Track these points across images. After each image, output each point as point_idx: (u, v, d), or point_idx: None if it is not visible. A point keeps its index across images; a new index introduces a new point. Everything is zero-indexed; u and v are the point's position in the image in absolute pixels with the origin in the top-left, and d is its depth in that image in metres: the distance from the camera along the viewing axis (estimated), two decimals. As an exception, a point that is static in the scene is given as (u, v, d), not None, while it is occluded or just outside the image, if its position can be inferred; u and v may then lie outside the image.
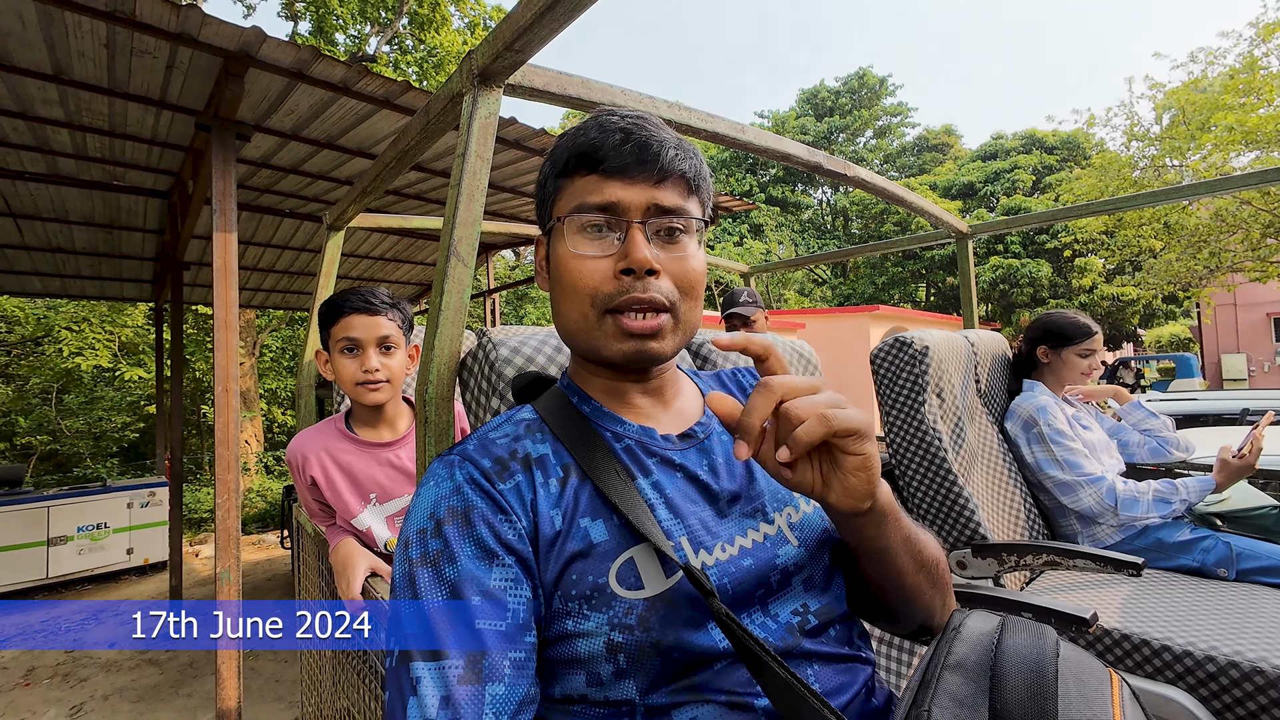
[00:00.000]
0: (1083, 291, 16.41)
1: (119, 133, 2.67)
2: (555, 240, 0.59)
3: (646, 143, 0.55)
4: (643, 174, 0.55)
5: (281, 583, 4.89)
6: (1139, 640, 1.14)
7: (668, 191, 0.57)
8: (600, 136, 0.56)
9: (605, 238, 0.56)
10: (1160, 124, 10.32)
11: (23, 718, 2.95)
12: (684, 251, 0.57)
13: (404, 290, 6.21)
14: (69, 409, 8.49)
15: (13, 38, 1.98)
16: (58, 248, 4.14)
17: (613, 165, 0.55)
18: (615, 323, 0.55)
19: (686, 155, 0.58)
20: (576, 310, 0.56)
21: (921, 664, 0.48)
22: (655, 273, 0.55)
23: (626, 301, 0.54)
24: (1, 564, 4.53)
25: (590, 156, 0.56)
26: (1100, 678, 0.42)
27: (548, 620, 0.50)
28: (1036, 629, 0.47)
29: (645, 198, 0.55)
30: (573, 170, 0.57)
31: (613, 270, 0.55)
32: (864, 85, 25.52)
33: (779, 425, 0.44)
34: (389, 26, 9.97)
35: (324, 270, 1.64)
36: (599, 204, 0.55)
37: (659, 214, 0.56)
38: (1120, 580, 1.41)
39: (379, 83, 2.31)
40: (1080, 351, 1.74)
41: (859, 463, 0.44)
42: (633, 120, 0.56)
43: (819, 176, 1.41)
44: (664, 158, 0.55)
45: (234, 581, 2.20)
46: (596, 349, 0.57)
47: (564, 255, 0.57)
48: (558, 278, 0.58)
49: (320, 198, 3.62)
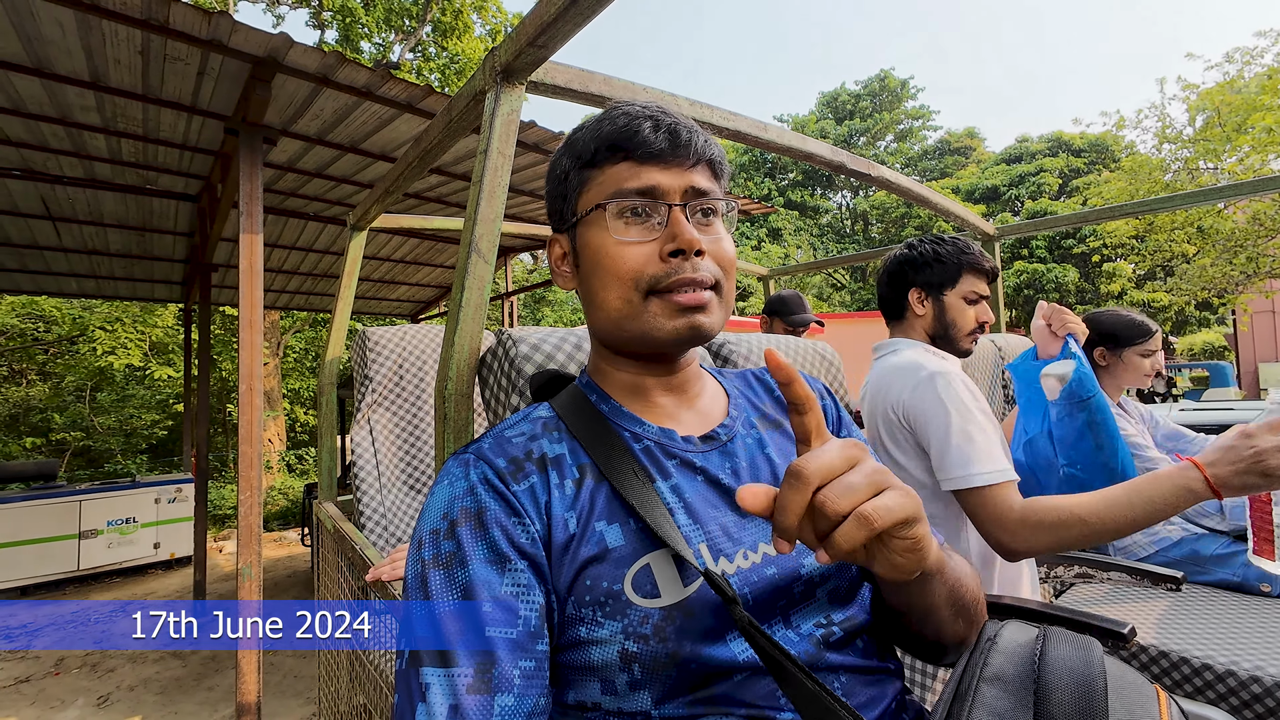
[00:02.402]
0: (1111, 297, 15.99)
1: (152, 138, 2.75)
2: (589, 230, 0.57)
3: (675, 129, 0.56)
4: (677, 158, 0.56)
5: (302, 579, 4.96)
6: (1178, 658, 1.09)
7: (700, 175, 0.57)
8: (630, 124, 0.55)
9: (646, 222, 0.56)
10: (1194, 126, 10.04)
11: (52, 706, 3.03)
12: (719, 233, 0.58)
13: (423, 293, 6.30)
14: (102, 406, 8.77)
15: (53, 46, 2.06)
16: (93, 250, 4.27)
17: (649, 151, 0.55)
18: (664, 302, 0.55)
19: (711, 141, 0.59)
20: (618, 296, 0.56)
21: (954, 676, 0.45)
22: (701, 252, 0.55)
23: (677, 282, 0.54)
24: (35, 556, 4.69)
25: (622, 144, 0.55)
26: (1147, 694, 0.39)
27: (561, 626, 0.49)
28: (1081, 641, 0.44)
29: (683, 181, 0.56)
30: (603, 160, 0.57)
31: (658, 253, 0.55)
32: (885, 88, 25.25)
33: (814, 518, 0.38)
34: (413, 34, 10.16)
35: (346, 271, 1.66)
36: (639, 188, 0.55)
37: (695, 196, 0.56)
38: (1156, 595, 1.35)
39: (402, 87, 2.34)
40: (1141, 351, 1.61)
41: (907, 546, 0.39)
42: (656, 108, 0.57)
43: (840, 179, 1.39)
44: (695, 143, 0.56)
45: (255, 578, 2.24)
46: (644, 332, 0.56)
47: (604, 243, 0.56)
48: (596, 266, 0.57)
49: (343, 201, 3.68)
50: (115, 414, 8.75)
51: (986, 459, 0.98)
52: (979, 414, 1.04)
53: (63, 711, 2.97)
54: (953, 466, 1.00)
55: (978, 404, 1.06)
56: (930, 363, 1.12)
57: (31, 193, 3.30)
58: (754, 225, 19.80)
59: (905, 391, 1.11)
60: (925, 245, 1.25)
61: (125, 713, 2.94)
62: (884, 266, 1.31)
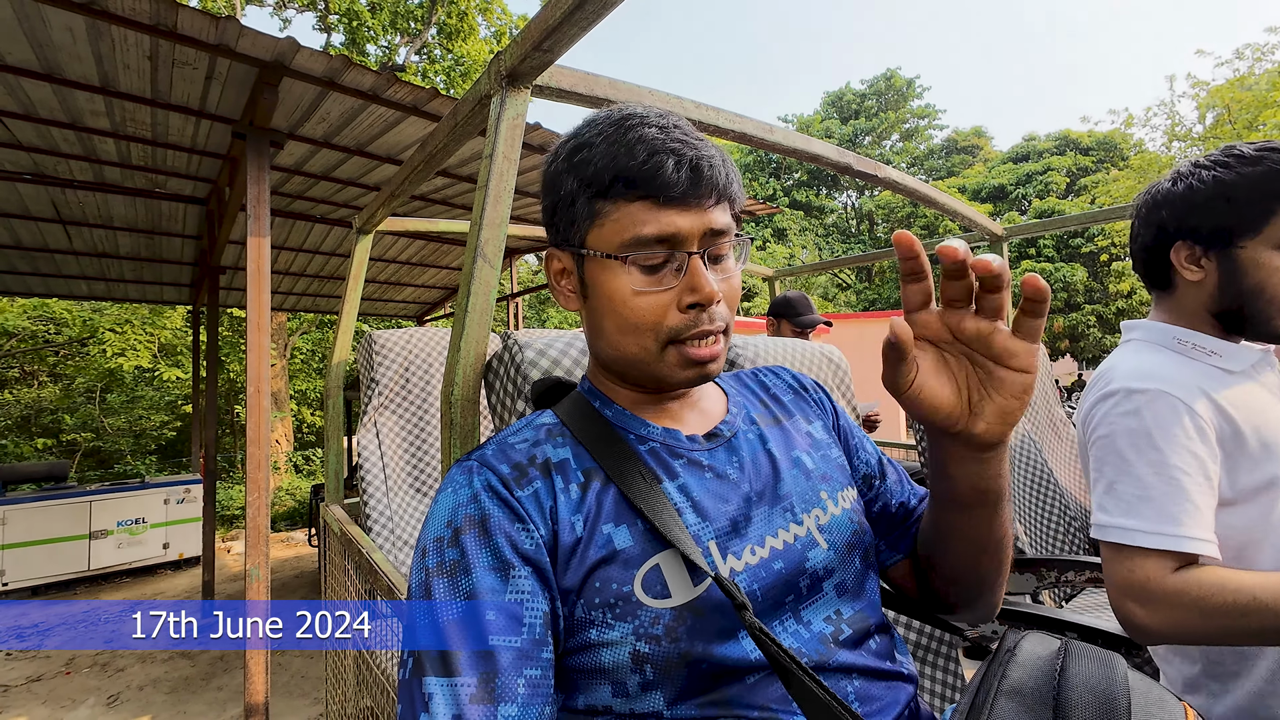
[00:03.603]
0: (1120, 297, 15.87)
1: (161, 141, 2.78)
2: (602, 271, 0.55)
3: (698, 164, 0.52)
4: (697, 199, 0.53)
5: (309, 580, 4.99)
6: (1191, 664, 1.07)
7: (718, 213, 0.54)
8: (650, 160, 0.51)
9: (664, 270, 0.54)
10: (1204, 123, 9.95)
11: (63, 705, 3.06)
12: (730, 271, 0.57)
13: (430, 294, 6.32)
14: (111, 407, 8.85)
15: (63, 51, 2.07)
16: (103, 253, 4.31)
17: (670, 194, 0.52)
18: (679, 352, 0.54)
19: (729, 168, 0.56)
20: (636, 344, 0.55)
21: (971, 686, 0.45)
22: (719, 300, 0.54)
23: (696, 334, 0.53)
24: (46, 556, 4.73)
25: (641, 183, 0.52)
26: (1175, 712, 0.39)
27: (571, 629, 0.49)
28: (1104, 656, 0.43)
29: (702, 224, 0.53)
30: (619, 195, 0.53)
31: (675, 302, 0.53)
32: (891, 87, 25.18)
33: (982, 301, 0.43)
34: (418, 37, 10.21)
35: (353, 273, 1.67)
36: (659, 235, 0.52)
37: (713, 238, 0.54)
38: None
39: (407, 90, 2.35)
40: None
41: (1024, 383, 0.43)
42: (677, 137, 0.53)
43: (846, 179, 1.38)
44: (717, 180, 0.53)
45: (263, 579, 2.25)
46: (657, 377, 0.56)
47: (619, 289, 0.54)
48: (610, 309, 0.55)
49: (350, 203, 3.70)
50: (125, 415, 8.83)
51: (1144, 516, 0.72)
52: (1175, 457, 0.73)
53: (73, 710, 3.00)
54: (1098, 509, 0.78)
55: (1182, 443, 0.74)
56: (1131, 373, 0.80)
57: (42, 196, 3.33)
58: (759, 225, 19.76)
59: (1082, 410, 0.86)
60: (1203, 172, 0.80)
61: (135, 712, 2.97)
62: (1138, 209, 0.90)
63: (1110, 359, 0.87)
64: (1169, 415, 0.74)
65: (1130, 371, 0.80)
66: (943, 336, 0.46)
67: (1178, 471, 0.72)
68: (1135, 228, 0.90)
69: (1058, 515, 1.58)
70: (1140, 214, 0.88)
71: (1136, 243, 0.90)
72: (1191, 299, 0.84)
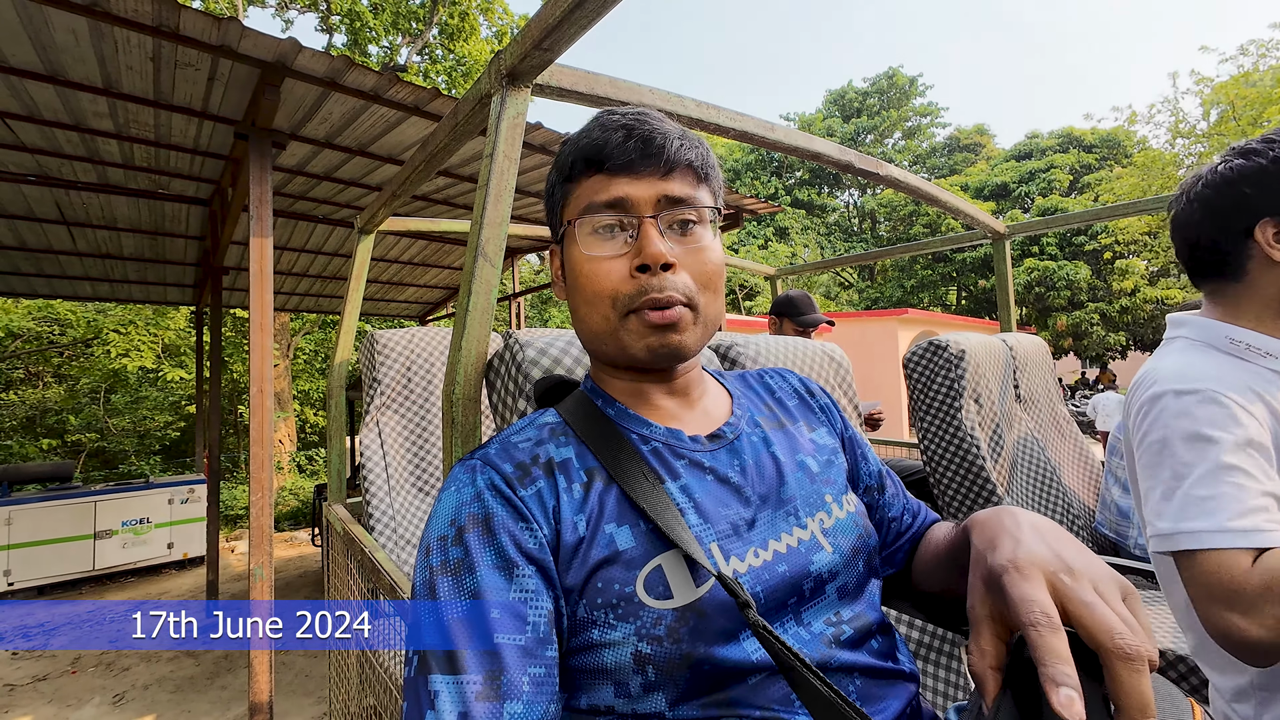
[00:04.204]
0: (1124, 295, 15.80)
1: (164, 143, 2.78)
2: (570, 245, 0.58)
3: (649, 136, 0.54)
4: (648, 168, 0.55)
5: (312, 579, 5.00)
6: (1194, 664, 1.07)
7: (676, 183, 0.56)
8: (602, 135, 0.55)
9: (617, 237, 0.55)
10: (1208, 120, 9.90)
11: (69, 704, 3.07)
12: (699, 243, 0.56)
13: (432, 294, 6.33)
14: (116, 408, 8.88)
15: (66, 53, 2.08)
16: (106, 254, 4.33)
17: (618, 162, 0.54)
18: (638, 319, 0.54)
19: (692, 145, 0.57)
20: (598, 314, 0.56)
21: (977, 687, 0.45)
22: (671, 266, 0.54)
23: (645, 302, 0.53)
24: (52, 556, 4.75)
25: (594, 157, 0.55)
26: (1182, 707, 0.38)
27: (573, 629, 0.49)
28: None
29: (654, 191, 0.55)
30: (579, 173, 0.57)
31: (629, 269, 0.54)
32: (893, 85, 25.12)
33: None
34: (420, 37, 10.22)
35: (354, 273, 1.67)
36: (606, 201, 0.55)
37: (670, 205, 0.55)
38: (1173, 598, 1.33)
39: (408, 90, 2.36)
40: None
41: None
42: (634, 116, 0.56)
43: (848, 177, 1.38)
44: (669, 149, 0.55)
45: (266, 579, 2.26)
46: (622, 349, 0.56)
47: (578, 259, 0.56)
48: (575, 283, 0.57)
49: (351, 204, 3.71)
50: (129, 415, 8.87)
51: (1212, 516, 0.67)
52: (1233, 456, 0.69)
53: (79, 709, 3.02)
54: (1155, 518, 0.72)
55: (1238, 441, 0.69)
56: (1177, 374, 0.76)
57: (46, 198, 3.34)
58: (761, 224, 19.74)
59: (1127, 414, 0.81)
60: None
61: (140, 711, 2.98)
62: (1186, 197, 0.83)
63: (1154, 359, 0.83)
64: (1222, 415, 0.71)
65: (1176, 373, 0.76)
66: None
67: (1238, 472, 0.68)
68: (1186, 214, 0.82)
69: (1060, 514, 1.58)
70: (1197, 200, 0.81)
71: (1190, 230, 0.82)
72: (1258, 292, 0.78)
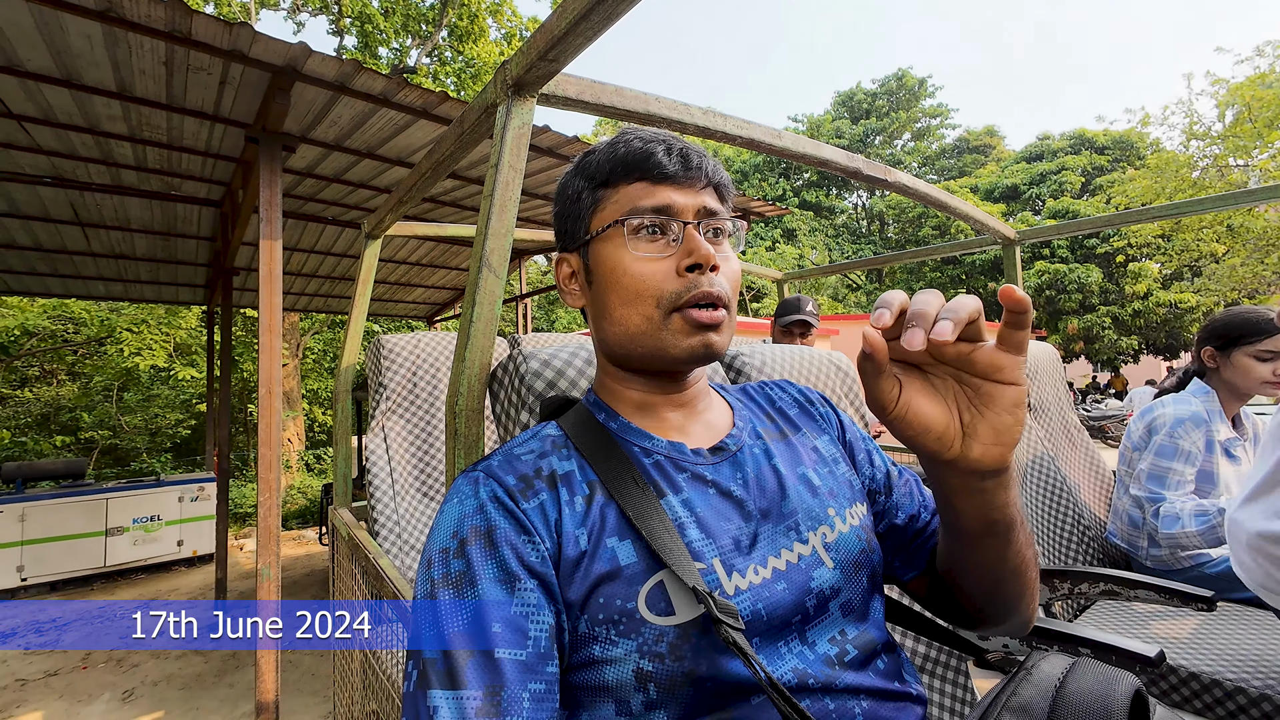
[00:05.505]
0: (1136, 298, 15.61)
1: (176, 145, 2.81)
2: (605, 247, 0.59)
3: (687, 153, 0.59)
4: (689, 180, 0.58)
5: (319, 578, 5.03)
6: (1209, 680, 1.05)
7: (710, 196, 0.60)
8: (645, 147, 0.58)
9: (661, 239, 0.57)
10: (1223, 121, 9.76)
11: (80, 700, 3.11)
12: (728, 253, 0.60)
13: (440, 295, 6.35)
14: (128, 406, 8.99)
15: (81, 58, 2.11)
16: (120, 254, 4.38)
17: (664, 171, 0.57)
18: (683, 317, 0.55)
19: (719, 166, 0.62)
20: (639, 313, 0.56)
21: (981, 704, 0.44)
22: (716, 268, 0.56)
23: (695, 297, 0.55)
24: (65, 552, 4.81)
25: (639, 165, 0.58)
26: None
27: (574, 645, 0.48)
28: (1109, 674, 0.42)
29: (696, 201, 0.58)
30: (619, 179, 0.59)
31: (675, 269, 0.56)
32: (902, 86, 24.97)
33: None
34: (429, 39, 10.28)
35: (362, 277, 1.68)
36: (655, 206, 0.57)
37: (707, 215, 0.59)
38: (1186, 613, 1.31)
39: (417, 94, 2.37)
40: (1257, 354, 1.36)
41: (1015, 396, 0.42)
42: (665, 136, 0.60)
43: (857, 181, 1.37)
44: (705, 166, 0.59)
45: (274, 578, 2.27)
46: (660, 348, 0.56)
47: (622, 260, 0.57)
48: (613, 282, 0.58)
49: (360, 205, 3.73)
50: (141, 413, 8.97)
51: None
52: None
53: (89, 705, 3.05)
54: None
55: None
56: None
57: (61, 199, 3.39)
58: (768, 226, 19.66)
59: None
60: None
61: (149, 708, 3.01)
62: None
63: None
64: None
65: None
66: (924, 360, 0.46)
67: None
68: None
69: (1071, 524, 1.56)
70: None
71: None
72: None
